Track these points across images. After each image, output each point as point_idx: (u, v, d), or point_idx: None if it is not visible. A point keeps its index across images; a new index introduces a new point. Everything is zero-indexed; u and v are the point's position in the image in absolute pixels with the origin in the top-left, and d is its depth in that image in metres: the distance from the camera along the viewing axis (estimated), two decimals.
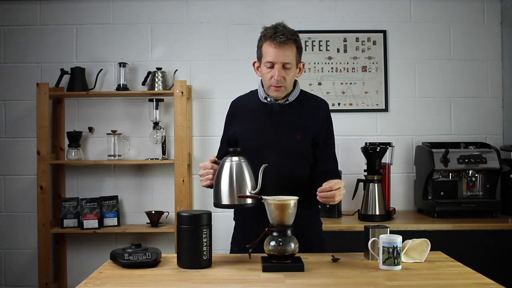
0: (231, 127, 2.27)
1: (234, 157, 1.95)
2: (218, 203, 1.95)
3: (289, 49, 2.10)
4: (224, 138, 2.31)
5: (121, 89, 3.54)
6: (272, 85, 2.13)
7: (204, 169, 2.06)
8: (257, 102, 2.24)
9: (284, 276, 1.76)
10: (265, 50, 2.12)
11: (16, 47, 3.69)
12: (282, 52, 2.08)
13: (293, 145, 2.15)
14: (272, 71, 2.11)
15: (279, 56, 2.09)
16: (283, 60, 2.09)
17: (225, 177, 1.93)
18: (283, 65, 2.10)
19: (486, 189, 3.39)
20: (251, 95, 2.29)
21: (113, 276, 1.79)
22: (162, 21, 3.71)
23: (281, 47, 2.08)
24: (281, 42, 2.07)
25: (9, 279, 3.68)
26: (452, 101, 3.71)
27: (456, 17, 3.72)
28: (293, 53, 2.12)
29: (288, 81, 2.14)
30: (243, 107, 2.28)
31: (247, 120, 2.23)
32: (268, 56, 2.10)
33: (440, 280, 1.73)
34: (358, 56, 3.70)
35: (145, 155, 3.67)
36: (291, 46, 2.11)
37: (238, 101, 2.33)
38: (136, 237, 3.60)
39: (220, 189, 1.93)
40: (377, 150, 3.29)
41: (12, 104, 3.69)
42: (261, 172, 1.92)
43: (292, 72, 2.14)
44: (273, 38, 2.08)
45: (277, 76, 2.10)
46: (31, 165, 3.58)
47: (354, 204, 3.41)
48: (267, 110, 2.20)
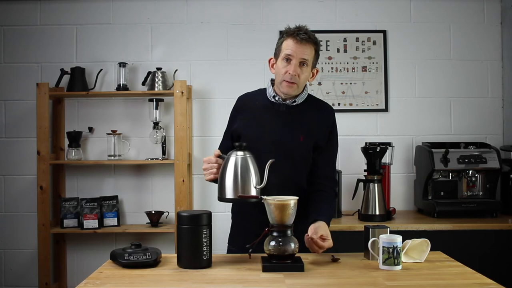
0: (235, 122, 2.26)
1: (239, 151, 1.95)
2: (222, 197, 1.95)
3: (308, 48, 2.11)
4: (227, 132, 2.30)
5: (121, 89, 3.54)
6: (286, 80, 2.13)
7: (208, 163, 2.06)
8: (264, 100, 2.23)
9: (284, 276, 1.76)
10: (285, 45, 2.13)
11: (16, 47, 3.70)
12: (302, 49, 2.10)
13: (295, 146, 2.15)
14: (288, 66, 2.11)
15: (298, 52, 2.10)
16: (302, 56, 2.11)
17: (230, 171, 1.93)
18: (300, 62, 2.11)
19: (486, 189, 3.39)
20: (259, 93, 2.28)
21: (113, 276, 1.79)
22: (162, 21, 3.71)
23: (302, 44, 2.10)
24: (303, 39, 2.10)
25: (9, 279, 3.68)
26: (452, 101, 3.71)
27: (456, 17, 3.72)
28: (312, 53, 2.14)
29: (301, 79, 2.14)
30: (249, 104, 2.27)
31: (252, 117, 2.22)
32: (288, 49, 2.11)
33: (440, 280, 1.73)
34: (358, 56, 3.70)
35: (145, 155, 3.67)
36: (311, 46, 2.13)
37: (245, 97, 2.32)
38: (136, 237, 3.60)
39: (225, 183, 1.93)
40: (377, 150, 3.29)
41: (12, 104, 3.69)
42: (268, 167, 1.92)
43: (307, 72, 2.15)
44: (295, 34, 2.10)
45: (293, 71, 2.10)
46: (31, 165, 3.58)
47: (354, 204, 3.42)
48: (273, 109, 2.20)
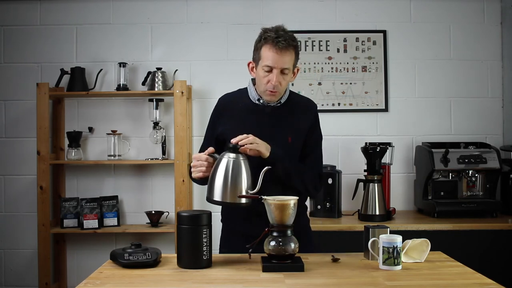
0: (219, 126, 2.21)
1: (232, 153, 1.93)
2: (210, 198, 1.94)
3: (288, 55, 2.07)
4: (210, 134, 2.24)
5: (121, 89, 3.54)
6: (268, 90, 2.10)
7: (198, 160, 2.03)
8: (247, 102, 2.20)
9: (284, 276, 1.76)
10: (264, 54, 2.07)
11: (16, 47, 3.69)
12: (282, 58, 2.05)
13: (284, 148, 2.11)
14: (269, 76, 2.07)
15: (279, 62, 2.05)
16: (282, 66, 2.06)
17: (220, 173, 1.91)
18: (281, 70, 2.07)
19: (486, 189, 3.39)
20: (240, 94, 2.24)
21: (113, 276, 1.79)
22: (162, 21, 3.70)
23: (282, 53, 2.05)
24: (282, 48, 2.04)
25: (9, 279, 3.68)
26: (452, 101, 3.71)
27: (456, 17, 3.72)
28: (292, 59, 2.09)
29: (283, 86, 2.11)
30: (232, 106, 2.23)
31: (237, 120, 2.19)
32: (268, 60, 2.06)
33: (440, 280, 1.73)
34: (358, 56, 3.70)
35: (145, 155, 3.67)
36: (291, 51, 2.07)
37: (227, 99, 2.27)
38: (136, 237, 3.60)
39: (214, 184, 1.92)
40: (377, 150, 3.29)
41: (12, 104, 3.69)
42: (262, 175, 1.90)
43: (288, 77, 2.12)
44: (274, 42, 2.04)
45: (275, 82, 2.07)
46: (31, 165, 3.58)
47: (354, 204, 3.41)
48: (258, 112, 2.17)
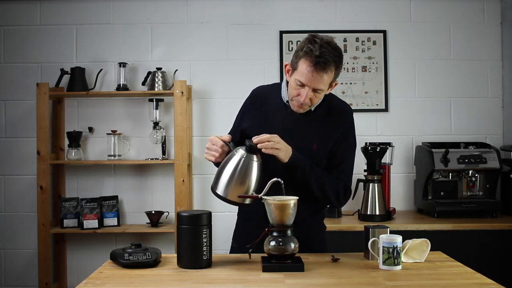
0: (246, 120, 2.15)
1: (247, 152, 1.90)
2: (214, 190, 1.94)
3: (325, 75, 1.93)
4: (236, 125, 2.20)
5: (121, 89, 3.54)
6: (296, 102, 2.01)
7: (213, 144, 1.98)
8: (279, 100, 2.12)
9: (284, 276, 1.76)
10: (301, 67, 1.94)
11: (16, 47, 3.70)
12: (317, 79, 1.93)
13: (308, 155, 2.04)
14: (300, 90, 1.97)
15: (313, 82, 1.94)
16: (316, 86, 1.95)
17: (228, 170, 1.90)
18: (313, 89, 1.97)
19: (486, 189, 3.39)
20: (274, 90, 2.16)
21: (113, 276, 1.79)
22: (162, 21, 3.71)
23: (318, 73, 1.92)
24: (321, 68, 1.91)
25: (9, 279, 3.68)
26: (452, 101, 3.71)
27: (456, 17, 3.72)
28: (330, 77, 1.96)
29: (314, 103, 2.03)
30: (264, 102, 2.15)
31: (265, 119, 2.11)
32: (302, 77, 1.94)
33: (440, 280, 1.73)
34: (358, 56, 3.70)
35: (145, 155, 3.67)
36: (330, 70, 1.94)
37: (260, 93, 2.20)
38: (136, 237, 3.60)
39: (221, 178, 1.91)
40: (377, 150, 3.29)
41: (12, 104, 3.69)
42: (269, 185, 1.87)
43: (322, 94, 2.01)
44: (314, 62, 1.91)
45: (303, 99, 1.97)
46: (31, 165, 3.58)
47: (354, 204, 3.41)
48: (287, 113, 2.08)
